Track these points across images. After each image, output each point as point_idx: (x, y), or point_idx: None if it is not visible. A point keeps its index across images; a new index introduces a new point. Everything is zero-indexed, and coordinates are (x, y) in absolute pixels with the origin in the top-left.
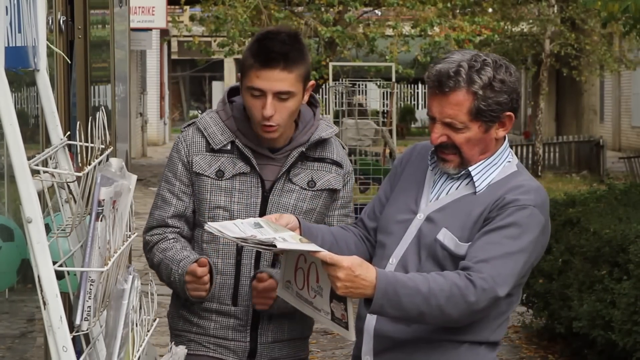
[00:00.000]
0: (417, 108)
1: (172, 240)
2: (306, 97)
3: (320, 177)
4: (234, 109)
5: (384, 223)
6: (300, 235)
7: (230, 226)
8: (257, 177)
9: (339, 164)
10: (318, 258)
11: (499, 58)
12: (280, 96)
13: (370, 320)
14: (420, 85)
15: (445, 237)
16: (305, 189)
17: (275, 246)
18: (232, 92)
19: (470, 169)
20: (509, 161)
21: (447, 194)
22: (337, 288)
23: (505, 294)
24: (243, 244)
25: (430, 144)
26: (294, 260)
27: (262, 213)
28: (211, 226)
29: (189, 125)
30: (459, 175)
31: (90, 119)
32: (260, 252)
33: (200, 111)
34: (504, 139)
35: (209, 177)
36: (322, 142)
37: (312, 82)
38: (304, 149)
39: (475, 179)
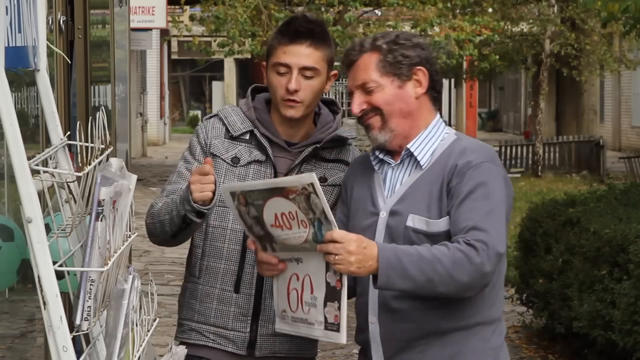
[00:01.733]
0: None
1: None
2: (329, 85)
3: (332, 175)
4: (256, 101)
5: None
6: None
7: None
8: (271, 167)
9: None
10: (314, 255)
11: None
12: (306, 73)
13: (374, 328)
14: None
15: (415, 221)
16: None
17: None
18: (254, 92)
19: (408, 146)
20: (447, 132)
21: (401, 184)
22: (350, 264)
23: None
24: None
25: (364, 154)
26: (286, 284)
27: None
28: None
29: (210, 117)
30: (401, 160)
31: (90, 119)
32: None
33: (200, 111)
34: (435, 114)
35: (225, 161)
36: (340, 146)
37: (335, 71)
38: (319, 145)
39: (416, 153)
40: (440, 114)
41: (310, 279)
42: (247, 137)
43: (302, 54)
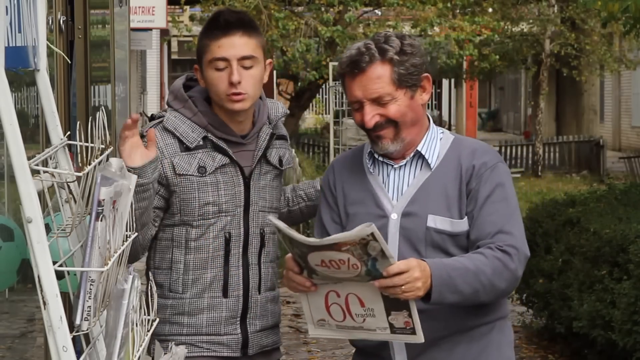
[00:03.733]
0: None
1: None
2: (266, 76)
3: (283, 155)
4: (198, 104)
5: None
6: None
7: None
8: (235, 166)
9: (287, 139)
10: (370, 282)
11: (399, 32)
12: (245, 63)
13: None
14: None
15: (437, 221)
16: (277, 168)
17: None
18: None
19: (418, 148)
20: (441, 132)
21: (408, 185)
22: (419, 289)
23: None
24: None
25: (345, 155)
26: (322, 300)
27: (247, 199)
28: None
29: (150, 128)
30: (406, 162)
31: (90, 119)
32: (247, 240)
33: None
34: (426, 115)
35: (193, 175)
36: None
37: (270, 60)
38: (272, 130)
39: (426, 156)
40: (441, 114)
41: (357, 296)
42: (202, 143)
43: (237, 45)
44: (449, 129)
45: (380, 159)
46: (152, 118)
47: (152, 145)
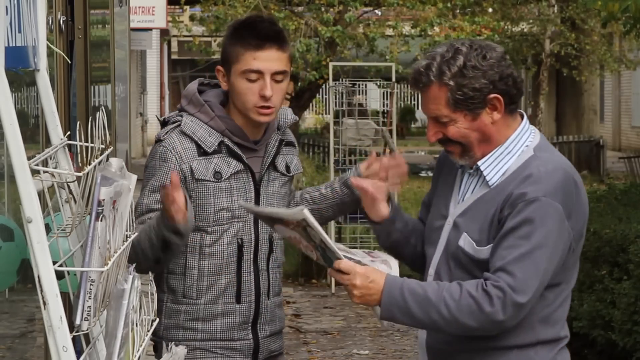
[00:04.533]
0: (417, 108)
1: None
2: (288, 85)
3: (291, 162)
4: (214, 109)
5: (427, 232)
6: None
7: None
8: (248, 172)
9: (295, 145)
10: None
11: (478, 43)
12: (276, 77)
13: (422, 334)
14: None
15: (465, 242)
16: (284, 175)
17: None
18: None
19: (479, 163)
20: (527, 145)
21: (471, 193)
22: (353, 296)
23: (532, 295)
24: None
25: None
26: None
27: (256, 205)
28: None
29: (168, 134)
30: (474, 170)
31: (90, 119)
32: (258, 246)
33: None
34: (521, 121)
35: (210, 180)
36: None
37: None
38: (281, 136)
39: (485, 173)
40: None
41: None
42: (217, 148)
43: (273, 59)
44: None
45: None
46: (164, 122)
47: (178, 189)
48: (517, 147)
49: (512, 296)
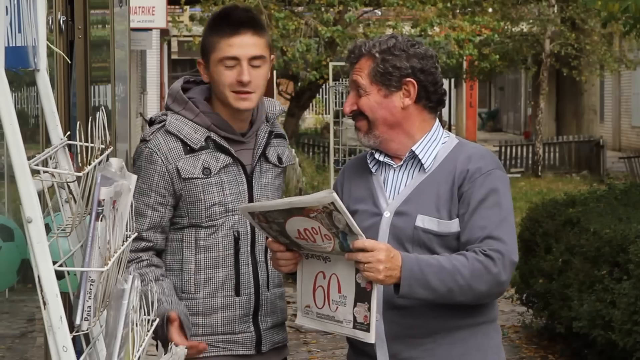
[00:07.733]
0: None
1: (145, 267)
2: (268, 72)
3: (282, 153)
4: (199, 105)
5: None
6: None
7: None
8: (238, 164)
9: (285, 137)
10: (345, 258)
11: (416, 40)
12: (254, 62)
13: (379, 326)
14: None
15: (424, 221)
16: (276, 166)
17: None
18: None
19: (413, 148)
20: (447, 136)
21: (405, 186)
22: (379, 272)
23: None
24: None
25: (356, 157)
26: (312, 281)
27: (250, 198)
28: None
29: (153, 134)
30: (403, 163)
31: (90, 119)
32: (254, 238)
33: None
34: (433, 121)
35: (198, 177)
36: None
37: (272, 55)
38: (270, 128)
39: (420, 156)
40: (441, 114)
41: (337, 278)
42: (204, 144)
43: (248, 44)
44: (449, 129)
45: (382, 159)
46: (151, 122)
47: (181, 339)
48: (439, 137)
49: (509, 255)
